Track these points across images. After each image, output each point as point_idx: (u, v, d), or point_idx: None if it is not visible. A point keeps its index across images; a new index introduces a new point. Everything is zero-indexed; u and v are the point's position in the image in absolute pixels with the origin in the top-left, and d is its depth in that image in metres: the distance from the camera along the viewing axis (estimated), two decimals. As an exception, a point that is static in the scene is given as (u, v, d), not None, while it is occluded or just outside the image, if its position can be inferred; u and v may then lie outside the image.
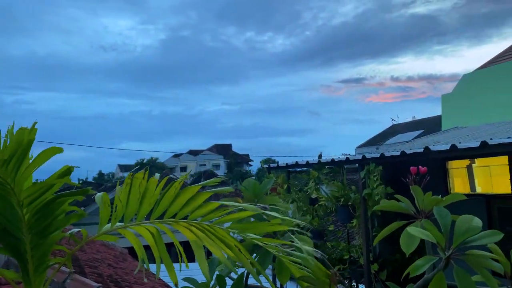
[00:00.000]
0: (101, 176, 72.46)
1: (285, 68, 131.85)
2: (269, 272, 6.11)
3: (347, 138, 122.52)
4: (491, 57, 12.38)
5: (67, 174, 1.33)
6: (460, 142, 5.83)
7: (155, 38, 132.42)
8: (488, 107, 10.55)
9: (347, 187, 7.40)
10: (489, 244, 1.56)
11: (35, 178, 1.44)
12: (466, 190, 8.23)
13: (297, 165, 8.53)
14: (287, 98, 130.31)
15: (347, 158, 7.12)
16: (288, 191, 8.78)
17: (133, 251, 1.60)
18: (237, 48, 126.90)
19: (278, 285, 5.05)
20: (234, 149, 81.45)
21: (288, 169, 8.94)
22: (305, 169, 8.71)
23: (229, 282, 2.02)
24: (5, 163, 1.23)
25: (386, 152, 6.75)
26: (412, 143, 10.93)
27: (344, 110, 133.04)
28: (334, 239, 9.16)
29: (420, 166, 2.03)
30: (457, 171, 8.37)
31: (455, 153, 5.45)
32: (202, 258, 1.42)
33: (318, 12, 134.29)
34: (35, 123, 1.25)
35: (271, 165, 9.67)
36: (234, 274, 1.83)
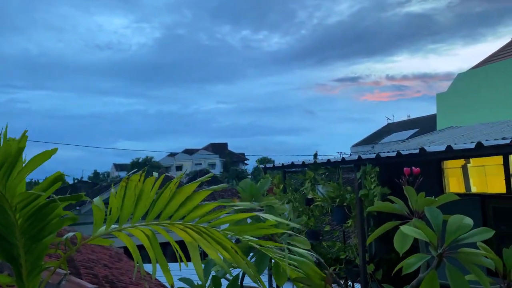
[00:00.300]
0: (97, 175, 72.19)
1: (281, 66, 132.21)
2: (267, 271, 6.11)
3: (343, 136, 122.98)
4: (485, 56, 12.46)
5: (58, 181, 1.34)
6: (456, 143, 5.86)
7: (150, 37, 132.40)
8: (483, 105, 10.61)
9: (343, 187, 7.42)
10: (479, 243, 1.59)
11: (30, 177, 1.44)
12: (461, 189, 8.28)
13: (293, 165, 8.55)
14: (282, 97, 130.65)
15: (343, 159, 7.14)
16: (284, 191, 8.79)
17: (129, 250, 1.60)
18: (233, 47, 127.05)
19: (275, 285, 5.06)
20: (230, 148, 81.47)
21: (284, 169, 8.95)
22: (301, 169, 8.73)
23: (224, 283, 2.02)
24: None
25: (381, 152, 6.78)
26: (407, 142, 10.97)
27: (339, 108, 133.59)
28: (330, 239, 9.19)
29: (413, 167, 2.05)
30: (452, 171, 8.41)
31: (451, 154, 5.49)
32: (197, 260, 1.42)
33: (314, 11, 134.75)
34: (26, 132, 1.25)
35: (267, 165, 9.68)
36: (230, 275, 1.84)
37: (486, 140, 5.60)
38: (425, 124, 31.90)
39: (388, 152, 6.91)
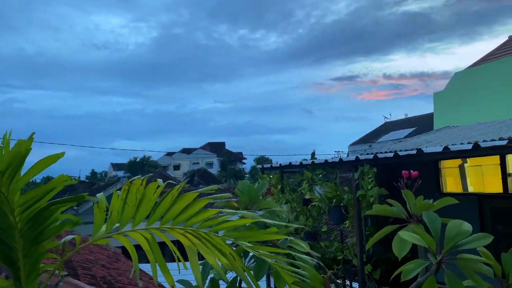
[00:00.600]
0: (94, 175, 71.97)
1: (278, 66, 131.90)
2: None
3: (340, 135, 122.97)
4: (482, 55, 12.48)
5: (62, 184, 1.33)
6: (453, 144, 5.87)
7: (147, 36, 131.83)
8: (480, 105, 10.63)
9: (340, 188, 7.43)
10: (479, 248, 1.58)
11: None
12: (458, 189, 8.30)
13: (290, 166, 8.55)
14: (280, 96, 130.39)
15: (340, 159, 7.15)
16: (282, 191, 8.79)
17: (127, 251, 1.60)
18: (230, 46, 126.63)
19: (273, 285, 5.06)
20: (227, 147, 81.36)
21: (281, 170, 8.95)
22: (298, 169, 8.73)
23: (222, 285, 2.03)
24: (0, 173, 1.22)
25: (379, 152, 6.79)
26: (405, 142, 10.99)
27: (336, 107, 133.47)
28: (327, 239, 9.19)
29: (412, 171, 2.06)
30: (449, 171, 8.43)
31: (448, 155, 5.50)
32: (195, 264, 1.43)
33: (311, 10, 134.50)
34: (33, 133, 1.24)
35: (265, 165, 9.68)
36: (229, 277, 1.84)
37: (483, 140, 5.61)
38: (422, 123, 31.98)
39: (386, 152, 6.92)
